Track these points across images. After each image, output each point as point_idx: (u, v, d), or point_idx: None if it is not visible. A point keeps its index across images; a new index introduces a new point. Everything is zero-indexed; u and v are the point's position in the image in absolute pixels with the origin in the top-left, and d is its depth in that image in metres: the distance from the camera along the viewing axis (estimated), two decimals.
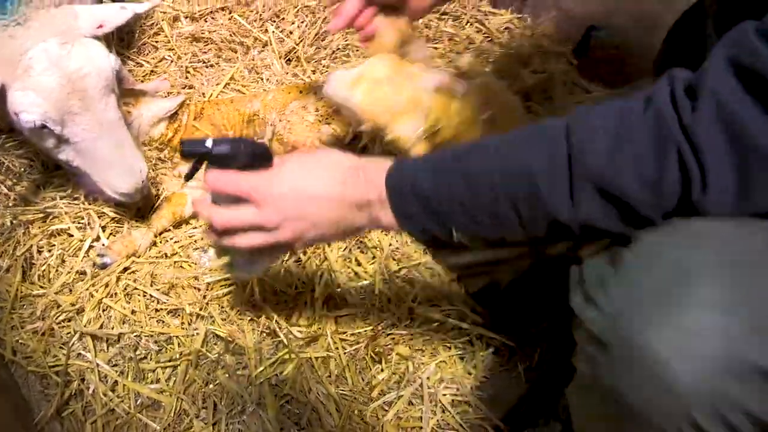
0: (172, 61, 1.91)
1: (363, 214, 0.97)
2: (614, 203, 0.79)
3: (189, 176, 1.04)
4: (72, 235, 1.52)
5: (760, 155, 0.69)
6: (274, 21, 2.01)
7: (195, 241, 1.58)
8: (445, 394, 1.36)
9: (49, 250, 1.51)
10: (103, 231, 1.55)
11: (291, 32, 1.98)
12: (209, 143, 0.98)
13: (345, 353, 1.42)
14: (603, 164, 0.78)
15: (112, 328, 1.39)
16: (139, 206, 1.58)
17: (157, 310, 1.44)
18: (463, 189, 0.88)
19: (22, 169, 1.66)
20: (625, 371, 0.76)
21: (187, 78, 1.87)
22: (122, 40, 1.93)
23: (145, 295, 1.46)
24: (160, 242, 1.56)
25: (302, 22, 2.00)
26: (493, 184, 0.86)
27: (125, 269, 1.48)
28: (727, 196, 0.73)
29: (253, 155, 1.00)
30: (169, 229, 1.57)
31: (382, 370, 1.40)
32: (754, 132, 0.69)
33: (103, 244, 1.52)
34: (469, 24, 2.14)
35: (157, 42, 1.95)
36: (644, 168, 0.76)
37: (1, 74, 1.26)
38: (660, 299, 0.74)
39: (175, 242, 1.56)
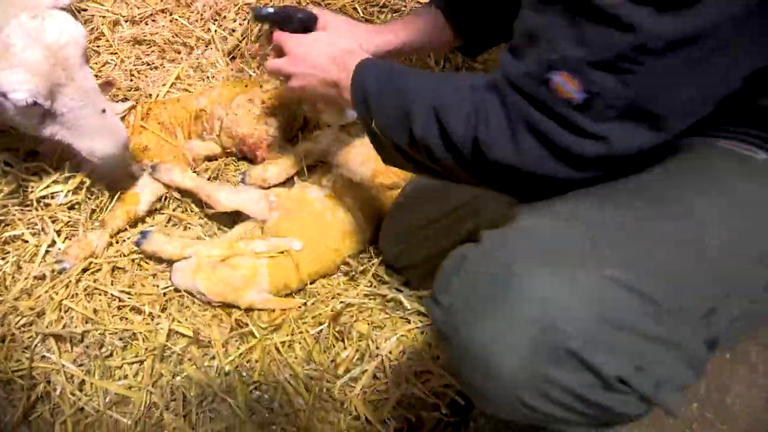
0: (115, 65, 1.91)
1: (340, 80, 1.26)
2: (440, 126, 0.99)
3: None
4: (27, 241, 1.51)
5: (512, 101, 0.90)
6: (216, 20, 2.02)
7: None
8: (408, 366, 1.41)
9: (4, 258, 1.49)
10: (58, 235, 1.54)
11: (233, 30, 2.00)
12: (271, 9, 1.43)
13: (309, 335, 1.46)
14: (444, 100, 1.01)
15: (75, 328, 1.39)
16: (93, 208, 1.59)
17: (119, 308, 1.45)
18: (386, 94, 1.12)
19: None
20: (462, 362, 0.87)
21: (132, 80, 1.88)
22: None
23: (106, 294, 1.46)
24: (117, 242, 1.57)
25: (244, 20, 2.02)
26: (404, 98, 1.08)
27: (84, 270, 1.48)
28: (501, 135, 0.91)
29: (300, 20, 1.40)
30: (126, 229, 1.58)
31: (345, 348, 1.45)
32: (506, 91, 0.92)
33: (60, 249, 1.52)
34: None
35: (98, 47, 1.94)
36: (462, 109, 0.97)
37: None
38: (485, 296, 0.84)
39: (133, 241, 1.57)
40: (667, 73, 0.80)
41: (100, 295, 1.46)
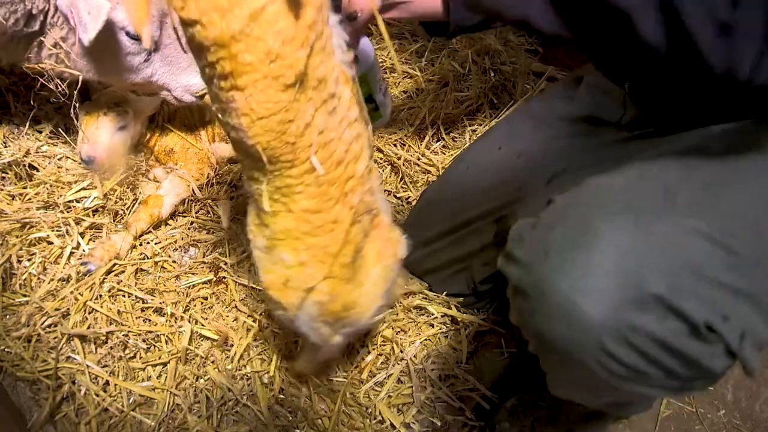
0: None
1: None
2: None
3: None
4: (52, 243, 1.52)
5: None
6: None
7: (175, 242, 1.59)
8: (432, 369, 1.41)
9: (29, 259, 1.50)
10: (82, 237, 1.55)
11: None
12: None
13: None
14: None
15: (100, 329, 1.39)
16: (117, 210, 1.59)
17: (143, 309, 1.45)
18: None
19: None
20: (542, 313, 0.85)
21: None
22: None
23: (130, 296, 1.46)
24: (141, 244, 1.57)
25: None
26: None
27: (108, 272, 1.48)
28: None
29: None
30: (150, 231, 1.58)
31: (369, 353, 1.44)
32: None
33: (84, 251, 1.52)
34: None
35: None
36: None
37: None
38: (565, 246, 0.84)
39: (156, 243, 1.57)
40: None
41: (123, 296, 1.46)
